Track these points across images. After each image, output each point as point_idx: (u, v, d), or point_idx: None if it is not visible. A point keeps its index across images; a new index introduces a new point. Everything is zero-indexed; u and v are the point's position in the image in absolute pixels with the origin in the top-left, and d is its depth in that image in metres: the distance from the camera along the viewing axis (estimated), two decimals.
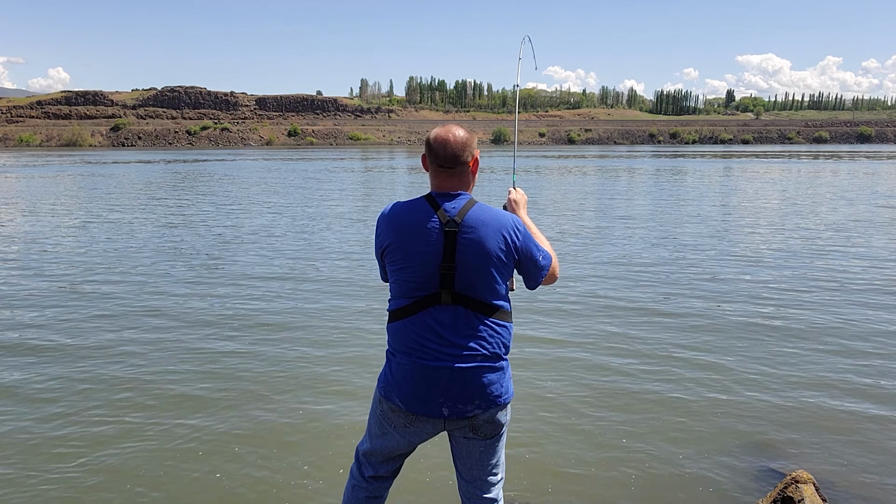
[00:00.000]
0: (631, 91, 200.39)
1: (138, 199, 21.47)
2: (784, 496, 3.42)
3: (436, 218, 2.36)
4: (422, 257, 2.35)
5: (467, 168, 2.46)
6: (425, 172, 2.52)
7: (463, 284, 2.35)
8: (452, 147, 2.40)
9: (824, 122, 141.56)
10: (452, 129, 2.44)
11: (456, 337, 2.36)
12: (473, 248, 2.33)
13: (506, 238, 2.37)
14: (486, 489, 2.58)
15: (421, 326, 2.37)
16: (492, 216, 2.39)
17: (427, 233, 2.35)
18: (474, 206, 2.39)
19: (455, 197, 2.41)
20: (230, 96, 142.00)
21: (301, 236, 13.31)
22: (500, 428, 2.51)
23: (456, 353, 2.35)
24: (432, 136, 2.44)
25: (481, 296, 2.38)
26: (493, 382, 2.41)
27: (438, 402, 2.38)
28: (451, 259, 2.33)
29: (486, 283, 2.37)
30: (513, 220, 2.43)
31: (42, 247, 12.10)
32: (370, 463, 2.63)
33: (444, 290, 2.35)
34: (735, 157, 61.62)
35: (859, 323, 7.14)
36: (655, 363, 5.90)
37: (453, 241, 2.33)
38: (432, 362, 2.35)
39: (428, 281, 2.36)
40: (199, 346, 6.37)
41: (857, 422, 4.75)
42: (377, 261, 2.56)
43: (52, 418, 4.77)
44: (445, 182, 2.44)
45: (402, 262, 2.39)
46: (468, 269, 2.34)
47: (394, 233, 2.40)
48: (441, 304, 2.36)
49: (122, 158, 60.60)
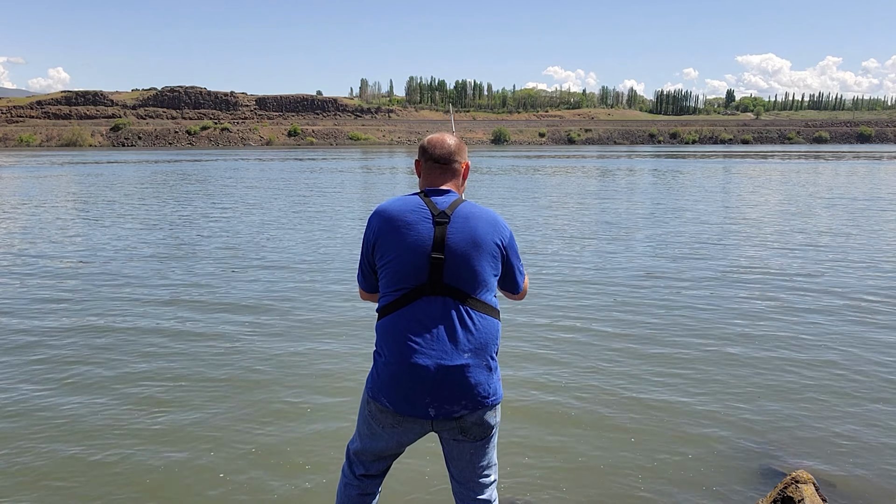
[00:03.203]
0: (631, 91, 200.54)
1: (138, 199, 21.48)
2: (784, 496, 3.41)
3: (426, 209, 2.42)
4: (412, 247, 2.37)
5: (459, 168, 2.58)
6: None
7: (452, 276, 2.36)
8: (448, 146, 2.56)
9: (824, 122, 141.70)
10: (446, 135, 2.60)
11: (443, 331, 2.34)
12: (463, 238, 2.38)
13: (494, 231, 2.45)
14: (479, 491, 2.56)
15: (409, 321, 2.36)
16: (481, 210, 2.49)
17: (418, 223, 2.39)
18: (464, 202, 2.49)
19: (445, 193, 2.51)
20: (230, 96, 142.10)
21: (303, 234, 13.32)
22: (489, 430, 2.49)
23: (443, 347, 2.33)
24: (427, 140, 2.60)
25: (470, 288, 2.39)
26: (481, 383, 2.39)
27: (424, 402, 2.36)
28: (441, 249, 2.36)
29: (475, 275, 2.39)
30: (498, 217, 2.53)
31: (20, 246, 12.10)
32: (361, 462, 2.63)
33: (432, 281, 2.36)
34: (735, 158, 61.65)
35: (859, 323, 7.13)
36: (655, 364, 5.89)
37: (443, 232, 2.37)
38: (419, 360, 2.32)
39: (417, 271, 2.37)
40: (196, 343, 6.36)
41: (857, 422, 4.73)
42: (361, 264, 2.58)
43: (43, 418, 4.76)
44: (437, 179, 2.54)
45: (392, 253, 2.40)
46: (457, 260, 2.37)
47: (385, 224, 2.44)
48: (430, 295, 2.37)
49: (119, 159, 60.60)
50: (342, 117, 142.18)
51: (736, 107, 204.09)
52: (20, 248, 12.00)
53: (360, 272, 2.62)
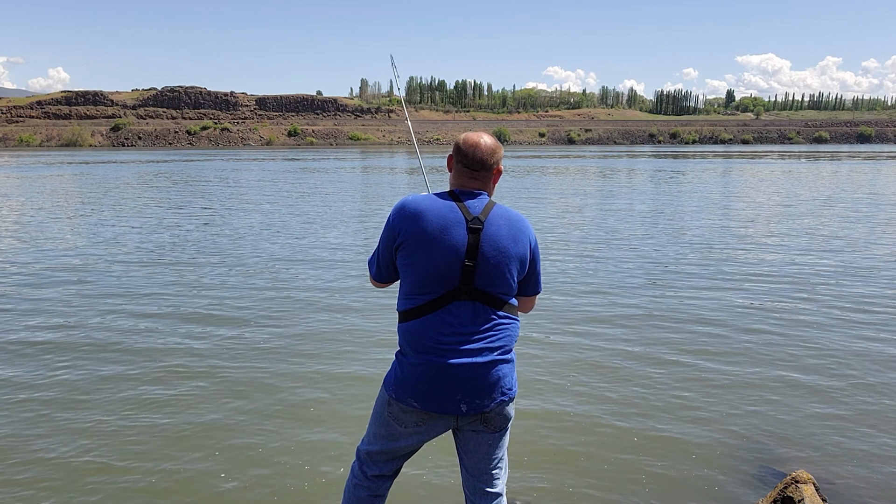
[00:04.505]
0: (631, 91, 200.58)
1: (138, 199, 21.48)
2: (784, 496, 3.43)
3: (460, 214, 2.41)
4: (445, 252, 2.36)
5: (491, 174, 2.53)
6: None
7: (483, 281, 2.40)
8: (482, 151, 2.48)
9: (824, 122, 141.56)
10: (483, 135, 2.53)
11: (474, 333, 2.39)
12: (496, 245, 2.40)
13: (524, 237, 2.47)
14: (491, 483, 2.61)
15: (439, 324, 2.38)
16: (514, 216, 2.49)
17: (451, 227, 2.38)
18: (496, 206, 2.49)
19: (477, 196, 2.48)
20: (230, 96, 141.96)
21: (306, 231, 13.33)
22: (507, 421, 2.57)
23: (474, 348, 2.39)
24: (462, 139, 2.52)
25: (499, 292, 2.44)
26: (506, 375, 2.47)
27: (456, 399, 2.40)
28: (474, 256, 2.37)
29: (504, 280, 2.43)
30: (529, 225, 2.54)
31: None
32: (374, 462, 2.64)
33: (463, 286, 2.38)
34: (735, 158, 61.60)
35: (859, 324, 7.15)
36: (655, 365, 5.91)
37: (477, 239, 2.38)
38: (452, 360, 2.36)
39: (449, 277, 2.38)
40: (198, 342, 6.38)
41: (857, 422, 4.75)
42: (379, 256, 2.54)
43: (38, 419, 4.78)
44: (468, 182, 2.51)
45: (421, 257, 2.38)
46: (489, 266, 2.39)
47: (413, 225, 2.40)
48: (460, 300, 2.39)
49: (118, 159, 60.56)
50: (342, 117, 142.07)
51: (736, 107, 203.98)
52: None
53: (375, 262, 2.58)
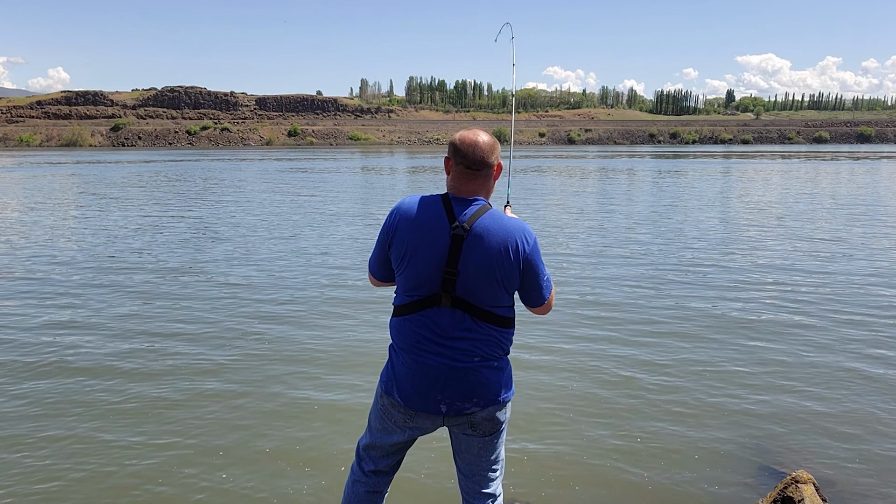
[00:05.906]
0: (631, 91, 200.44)
1: (138, 199, 21.49)
2: (784, 496, 3.43)
3: (445, 220, 2.35)
4: (426, 257, 2.35)
5: (491, 172, 2.45)
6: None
7: (464, 290, 2.36)
8: (482, 150, 2.40)
9: (824, 122, 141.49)
10: (479, 132, 2.44)
11: (453, 339, 2.37)
12: (478, 256, 2.33)
13: (511, 248, 2.35)
14: (485, 484, 2.61)
15: (420, 325, 2.40)
16: (500, 225, 2.36)
17: (434, 233, 2.34)
18: (486, 212, 2.38)
19: (471, 203, 2.40)
20: (230, 96, 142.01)
21: (308, 231, 13.32)
22: (499, 425, 2.53)
23: (452, 354, 2.37)
24: (458, 139, 2.43)
25: (481, 302, 2.38)
26: (492, 381, 2.42)
27: (436, 399, 2.40)
28: (455, 265, 2.33)
29: (487, 291, 2.37)
30: (521, 230, 2.40)
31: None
32: (370, 457, 2.66)
33: (444, 292, 2.36)
34: (735, 158, 61.61)
35: (859, 324, 7.15)
36: (655, 365, 5.91)
37: (458, 247, 2.32)
38: (430, 359, 2.38)
39: (430, 281, 2.37)
40: (197, 342, 6.38)
41: (857, 422, 4.75)
42: (377, 255, 2.55)
43: (33, 418, 4.77)
44: (466, 185, 2.42)
45: (406, 258, 2.39)
46: (470, 276, 2.34)
47: (403, 226, 2.40)
48: (441, 305, 2.37)
49: (114, 159, 60.57)
50: (342, 117, 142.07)
51: (736, 107, 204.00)
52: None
53: (374, 260, 2.58)
